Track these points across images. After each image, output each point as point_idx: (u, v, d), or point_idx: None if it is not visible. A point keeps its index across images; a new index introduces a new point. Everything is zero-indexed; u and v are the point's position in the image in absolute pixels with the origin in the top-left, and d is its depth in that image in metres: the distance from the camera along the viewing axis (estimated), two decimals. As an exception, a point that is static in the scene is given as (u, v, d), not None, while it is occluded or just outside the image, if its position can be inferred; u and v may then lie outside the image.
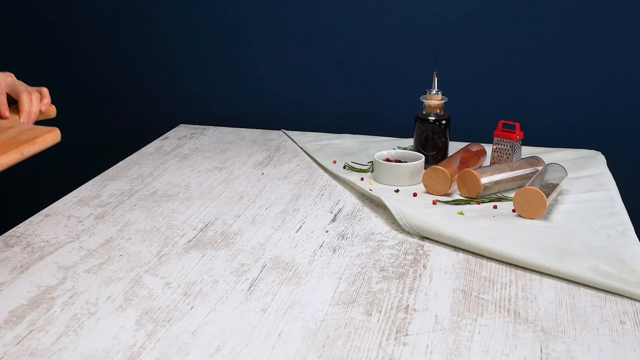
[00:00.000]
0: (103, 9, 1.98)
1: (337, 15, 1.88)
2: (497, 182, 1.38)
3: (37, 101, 1.25)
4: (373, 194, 1.34)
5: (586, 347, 0.89)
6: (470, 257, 1.13)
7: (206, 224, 1.25)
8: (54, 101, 1.20)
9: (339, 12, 1.88)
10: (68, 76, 2.08)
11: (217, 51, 1.97)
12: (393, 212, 1.24)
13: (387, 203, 1.26)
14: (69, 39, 2.05)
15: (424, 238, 1.19)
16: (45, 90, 1.28)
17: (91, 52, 2.05)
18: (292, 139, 1.77)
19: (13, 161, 1.01)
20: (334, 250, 1.15)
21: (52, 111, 1.31)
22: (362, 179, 1.46)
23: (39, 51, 2.07)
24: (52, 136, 1.07)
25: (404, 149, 1.60)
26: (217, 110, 1.99)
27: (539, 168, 1.42)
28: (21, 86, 1.27)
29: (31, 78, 1.29)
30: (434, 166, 1.38)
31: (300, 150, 1.70)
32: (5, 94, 1.16)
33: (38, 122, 1.20)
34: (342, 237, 1.20)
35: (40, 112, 1.27)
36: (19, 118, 1.21)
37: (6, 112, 1.20)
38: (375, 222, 1.26)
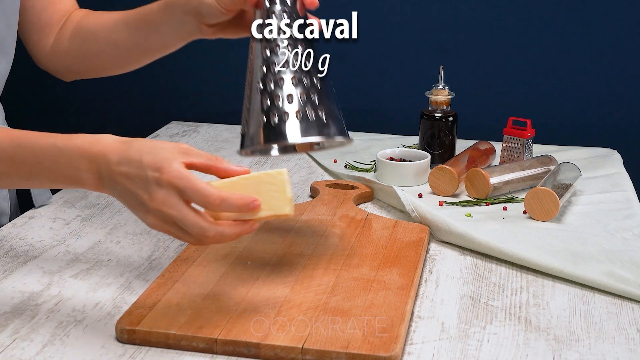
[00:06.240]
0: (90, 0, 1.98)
1: (336, 7, 1.88)
2: (507, 182, 1.38)
3: None
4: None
5: (601, 356, 0.89)
6: (479, 262, 1.13)
7: (200, 226, 1.25)
8: (41, 98, 1.18)
9: (338, 3, 1.88)
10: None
11: (211, 45, 1.97)
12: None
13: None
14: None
15: (429, 241, 1.19)
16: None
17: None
18: (290, 137, 1.77)
19: None
20: (335, 254, 1.15)
21: None
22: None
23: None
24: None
25: (409, 147, 1.61)
26: (211, 107, 1.99)
27: (552, 167, 1.42)
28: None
29: (16, 73, 1.28)
30: (441, 165, 1.38)
31: (299, 148, 1.69)
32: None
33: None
34: (344, 241, 1.20)
35: None
36: None
37: None
38: (379, 225, 1.26)
